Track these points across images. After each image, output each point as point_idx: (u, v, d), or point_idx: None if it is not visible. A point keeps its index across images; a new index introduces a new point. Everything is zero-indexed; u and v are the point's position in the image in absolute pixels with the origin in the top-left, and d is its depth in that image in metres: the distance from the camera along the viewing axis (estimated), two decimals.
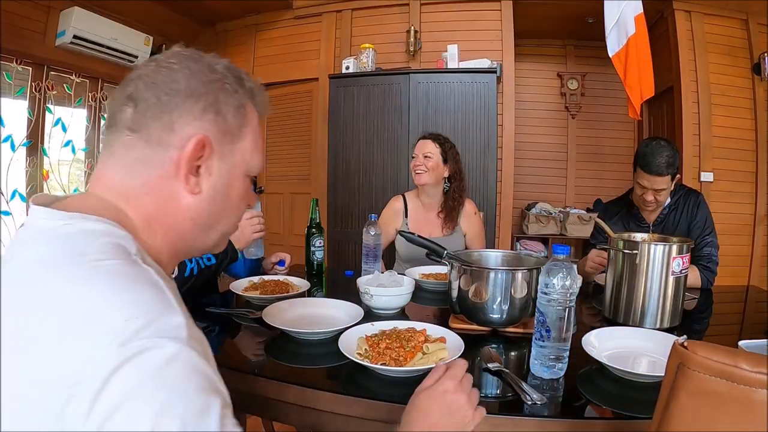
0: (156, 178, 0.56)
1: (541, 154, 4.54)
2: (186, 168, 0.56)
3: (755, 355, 0.49)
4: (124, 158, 0.56)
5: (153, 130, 0.55)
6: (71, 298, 0.43)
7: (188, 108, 0.55)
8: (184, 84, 0.55)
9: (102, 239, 0.49)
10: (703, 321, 1.41)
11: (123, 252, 0.49)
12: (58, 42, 3.10)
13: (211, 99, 0.57)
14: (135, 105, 0.55)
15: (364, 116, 3.35)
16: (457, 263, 1.18)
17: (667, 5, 3.50)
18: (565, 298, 0.88)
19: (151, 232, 0.57)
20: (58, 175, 3.36)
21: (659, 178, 1.59)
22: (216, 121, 0.57)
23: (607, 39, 2.57)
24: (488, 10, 3.50)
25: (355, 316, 1.13)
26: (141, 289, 0.46)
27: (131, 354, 0.40)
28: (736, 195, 3.45)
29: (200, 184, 0.58)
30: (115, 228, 0.52)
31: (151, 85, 0.55)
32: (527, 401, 0.79)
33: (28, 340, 0.42)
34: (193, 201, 0.58)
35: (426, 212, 2.00)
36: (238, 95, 0.59)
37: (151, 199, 0.56)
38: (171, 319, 0.45)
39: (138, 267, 0.49)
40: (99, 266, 0.46)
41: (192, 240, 0.61)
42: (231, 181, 0.61)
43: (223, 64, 0.60)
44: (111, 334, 0.41)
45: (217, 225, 0.62)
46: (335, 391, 0.85)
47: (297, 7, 3.88)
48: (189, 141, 0.55)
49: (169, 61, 0.57)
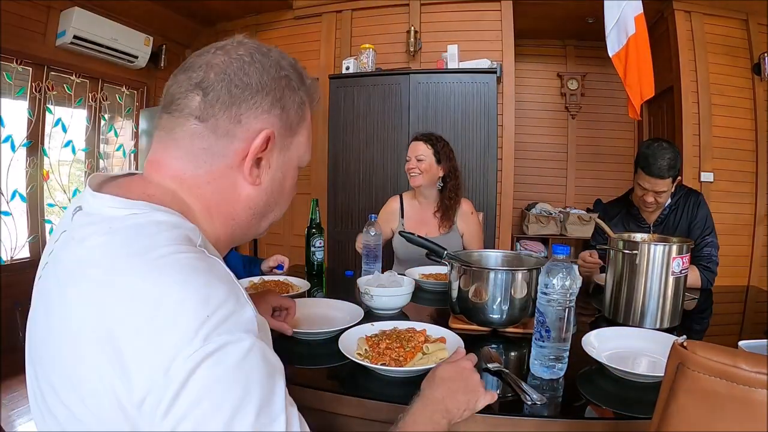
0: (219, 168, 0.57)
1: (541, 154, 4.54)
2: (251, 161, 0.57)
3: (755, 355, 0.49)
4: (189, 147, 0.56)
5: (221, 121, 0.55)
6: (153, 293, 0.45)
7: (257, 102, 0.57)
8: (256, 78, 0.57)
9: (173, 231, 0.51)
10: (703, 321, 1.41)
11: (191, 245, 0.51)
12: (58, 42, 3.11)
13: (279, 95, 0.59)
14: (204, 94, 0.55)
15: (364, 116, 3.35)
16: (457, 263, 1.18)
17: (667, 5, 3.50)
18: (565, 299, 0.88)
19: (211, 220, 0.59)
20: (58, 175, 3.36)
21: (660, 181, 1.59)
22: (281, 117, 0.59)
23: (607, 39, 2.57)
24: (488, 10, 3.51)
25: (355, 317, 1.13)
26: (216, 284, 0.47)
27: (213, 348, 0.43)
28: (736, 195, 3.45)
29: (261, 175, 0.60)
30: (182, 219, 0.54)
31: (223, 76, 0.56)
32: (527, 401, 0.79)
33: (109, 332, 0.44)
34: (252, 191, 0.60)
35: (422, 212, 2.00)
36: (300, 93, 0.62)
37: (212, 189, 0.58)
38: (244, 312, 0.47)
39: (209, 259, 0.50)
40: (175, 260, 0.47)
41: (248, 227, 0.63)
42: (286, 173, 0.64)
43: (289, 61, 0.62)
44: (196, 329, 0.43)
45: (270, 214, 0.64)
46: (335, 392, 0.85)
47: (297, 8, 3.88)
48: (257, 135, 0.57)
49: (239, 53, 0.58)
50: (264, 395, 0.45)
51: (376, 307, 1.26)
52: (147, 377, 0.42)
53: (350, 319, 1.12)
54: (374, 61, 3.42)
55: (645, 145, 1.65)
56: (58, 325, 0.48)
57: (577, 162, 4.53)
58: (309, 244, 1.78)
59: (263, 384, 0.45)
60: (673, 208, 1.73)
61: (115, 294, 0.45)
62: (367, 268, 1.64)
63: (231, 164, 0.57)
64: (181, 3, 3.67)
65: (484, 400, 0.75)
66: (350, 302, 1.24)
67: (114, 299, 0.45)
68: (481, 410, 0.78)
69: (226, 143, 0.56)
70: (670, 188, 1.63)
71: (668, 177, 1.58)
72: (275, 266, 1.74)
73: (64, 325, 0.48)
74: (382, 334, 0.98)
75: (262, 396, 0.45)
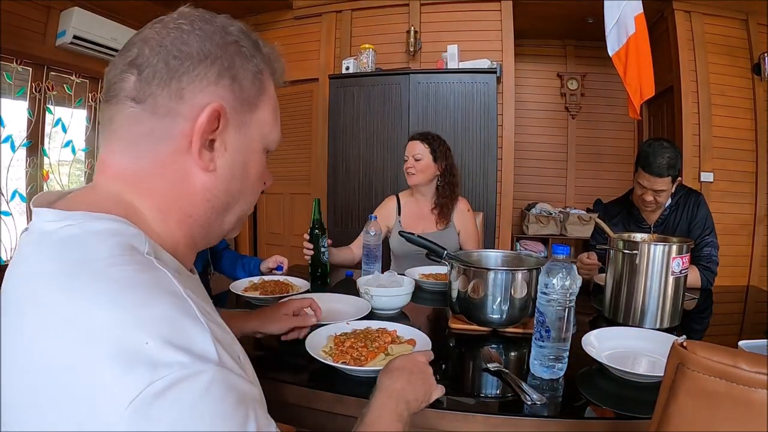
0: (166, 155, 0.49)
1: (541, 154, 4.54)
2: (199, 141, 0.49)
3: (755, 355, 0.49)
4: (128, 134, 0.49)
5: (160, 99, 0.48)
6: (77, 317, 0.37)
7: (201, 73, 0.49)
8: (197, 47, 0.49)
9: (110, 240, 0.43)
10: (703, 321, 1.41)
11: (135, 254, 0.44)
12: (58, 42, 3.10)
13: (227, 63, 0.50)
14: (139, 72, 0.48)
15: (364, 116, 3.35)
16: (456, 263, 1.18)
17: (666, 5, 3.50)
18: (564, 298, 0.88)
19: (166, 221, 0.51)
20: (58, 175, 3.36)
21: (659, 179, 1.59)
22: (232, 88, 0.51)
23: (607, 38, 2.57)
24: (488, 10, 3.51)
25: (362, 310, 1.18)
26: (156, 301, 0.40)
27: (163, 387, 0.35)
28: (736, 195, 3.45)
29: (215, 159, 0.51)
30: (125, 225, 0.46)
31: (158, 48, 0.48)
32: (527, 401, 0.79)
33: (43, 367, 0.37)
34: (208, 180, 0.51)
35: (419, 209, 2.02)
36: (255, 60, 0.54)
37: (162, 181, 0.50)
38: (197, 335, 0.40)
39: (153, 272, 0.43)
40: (106, 275, 0.40)
41: (209, 225, 0.55)
42: (249, 157, 0.55)
43: (238, 26, 0.54)
44: (133, 361, 0.36)
45: (235, 206, 0.56)
46: (335, 391, 0.84)
47: (297, 8, 3.88)
48: (202, 110, 0.49)
49: (177, 21, 0.50)
50: (233, 427, 0.39)
51: (376, 307, 1.26)
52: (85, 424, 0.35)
53: (357, 312, 1.17)
54: (374, 61, 3.42)
55: (646, 144, 1.65)
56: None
57: (577, 162, 4.53)
58: (316, 244, 1.70)
59: (233, 419, 0.39)
60: (673, 209, 1.73)
61: (39, 320, 0.38)
62: (367, 268, 1.64)
63: (179, 148, 0.49)
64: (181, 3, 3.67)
65: (436, 393, 0.74)
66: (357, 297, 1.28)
67: (41, 326, 0.38)
68: (481, 410, 0.78)
69: (169, 124, 0.48)
70: (669, 188, 1.62)
71: (667, 176, 1.58)
72: (275, 267, 1.74)
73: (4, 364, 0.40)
74: (352, 333, 0.98)
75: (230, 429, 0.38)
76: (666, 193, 1.64)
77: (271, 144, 0.58)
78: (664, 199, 1.66)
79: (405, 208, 2.03)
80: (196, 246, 0.56)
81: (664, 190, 1.62)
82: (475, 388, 0.93)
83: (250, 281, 1.51)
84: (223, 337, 0.43)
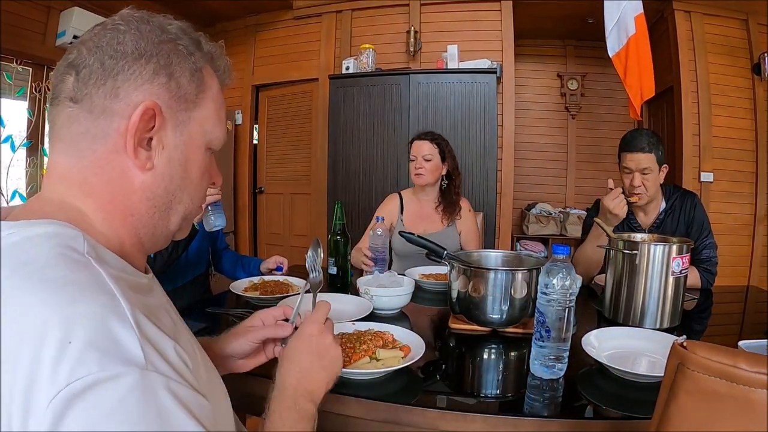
0: (103, 154, 0.49)
1: (541, 155, 4.55)
2: (134, 140, 0.49)
3: (755, 355, 0.49)
4: (68, 135, 0.50)
5: (96, 98, 0.48)
6: (15, 319, 0.37)
7: (136, 71, 0.49)
8: (131, 45, 0.49)
9: (47, 244, 0.43)
10: (702, 321, 1.41)
11: (71, 255, 0.43)
12: (59, 42, 3.11)
13: (163, 61, 0.51)
14: (77, 72, 0.49)
15: (364, 116, 3.35)
16: (457, 264, 1.18)
17: (666, 5, 3.50)
18: (564, 299, 0.88)
19: (109, 221, 0.51)
20: None
21: (642, 155, 1.57)
22: (168, 86, 0.51)
23: (608, 39, 2.57)
24: (488, 11, 3.51)
25: (364, 310, 1.19)
26: (87, 300, 0.39)
27: (81, 387, 0.35)
28: (736, 195, 3.45)
29: (152, 158, 0.51)
30: (63, 227, 0.46)
31: (95, 49, 0.49)
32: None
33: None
34: (147, 178, 0.51)
35: (423, 208, 2.01)
36: (194, 58, 0.54)
37: (100, 180, 0.50)
38: (123, 336, 0.39)
39: (87, 271, 0.42)
40: (43, 276, 0.40)
41: (153, 225, 0.54)
42: (189, 155, 0.54)
43: (177, 25, 0.54)
44: (55, 360, 0.35)
45: (177, 205, 0.55)
46: (335, 391, 0.84)
47: (297, 8, 3.88)
48: (136, 109, 0.49)
49: (116, 23, 0.51)
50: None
51: (376, 307, 1.26)
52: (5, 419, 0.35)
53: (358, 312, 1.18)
54: (374, 61, 3.42)
55: (625, 134, 1.66)
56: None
57: (577, 162, 4.53)
58: (338, 252, 1.57)
59: (156, 427, 0.37)
60: (669, 212, 1.70)
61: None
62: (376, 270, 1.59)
63: (115, 147, 0.49)
64: (181, 3, 3.67)
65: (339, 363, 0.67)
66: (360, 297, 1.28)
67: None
68: (481, 410, 0.78)
69: (105, 123, 0.49)
70: (656, 169, 1.59)
71: (650, 152, 1.56)
72: (275, 267, 1.74)
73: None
74: (350, 334, 0.97)
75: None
76: (653, 176, 1.59)
77: (214, 142, 0.57)
78: (653, 184, 1.61)
79: (408, 207, 2.03)
80: (143, 246, 0.55)
81: (649, 170, 1.58)
82: (475, 388, 0.93)
83: (250, 281, 1.51)
84: (162, 340, 0.43)
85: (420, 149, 1.92)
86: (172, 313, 0.56)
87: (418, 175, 1.93)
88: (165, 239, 0.57)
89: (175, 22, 0.54)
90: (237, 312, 1.28)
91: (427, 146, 1.92)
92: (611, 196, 1.51)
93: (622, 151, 1.63)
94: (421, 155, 1.91)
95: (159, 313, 0.49)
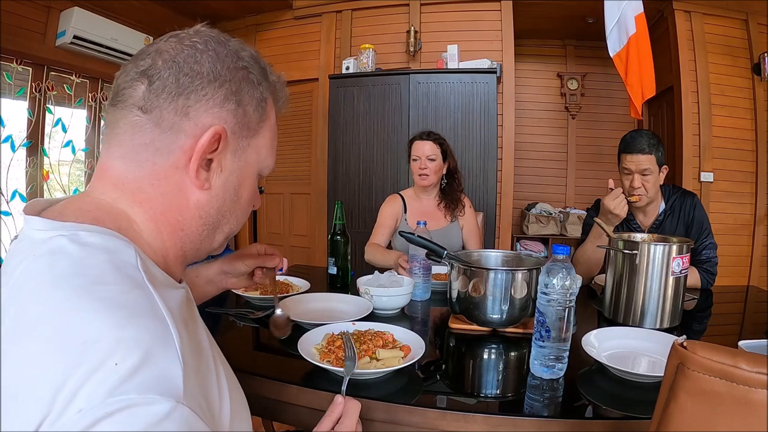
0: (163, 167, 0.50)
1: (541, 154, 4.55)
2: (198, 161, 0.50)
3: (755, 355, 0.48)
4: (129, 141, 0.50)
5: (166, 112, 0.49)
6: (62, 332, 0.38)
7: (209, 94, 0.50)
8: (208, 67, 0.51)
9: (100, 257, 0.43)
10: (703, 321, 1.41)
11: (124, 271, 0.44)
12: (58, 42, 3.10)
13: (234, 88, 0.52)
14: (149, 82, 0.49)
15: (364, 116, 3.35)
16: (457, 263, 1.18)
17: (666, 5, 3.50)
18: (564, 298, 0.88)
19: (158, 232, 0.52)
20: (58, 175, 3.36)
21: (642, 156, 1.56)
22: (236, 113, 0.52)
23: (608, 39, 2.57)
24: (488, 10, 3.51)
25: (364, 310, 1.18)
26: (136, 326, 0.39)
27: (116, 409, 0.35)
28: (736, 195, 3.45)
29: (210, 179, 0.53)
30: (116, 239, 0.46)
31: (171, 63, 0.50)
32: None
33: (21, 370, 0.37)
34: (202, 197, 0.53)
35: (424, 206, 2.02)
36: (261, 88, 0.55)
37: (156, 192, 0.51)
38: (168, 366, 0.39)
39: (140, 291, 0.43)
40: (94, 294, 0.40)
41: (200, 241, 0.56)
42: (242, 179, 0.56)
43: (250, 53, 0.56)
44: (97, 379, 0.36)
45: (224, 225, 0.57)
46: (335, 391, 0.84)
47: (297, 7, 3.88)
48: (205, 131, 0.50)
49: (193, 39, 0.52)
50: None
51: (376, 307, 1.26)
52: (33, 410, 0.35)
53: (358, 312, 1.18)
54: (374, 61, 3.42)
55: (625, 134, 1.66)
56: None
57: (577, 162, 4.53)
58: (337, 251, 1.55)
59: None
60: (668, 213, 1.69)
61: (25, 328, 0.39)
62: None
63: (177, 163, 0.50)
64: (181, 3, 3.67)
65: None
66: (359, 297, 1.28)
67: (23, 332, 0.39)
68: (481, 410, 0.78)
69: (171, 138, 0.50)
70: (656, 171, 1.59)
71: (650, 153, 1.56)
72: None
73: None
74: (348, 334, 0.97)
75: None
76: (653, 178, 1.59)
77: (265, 170, 0.59)
78: (653, 186, 1.61)
79: (411, 206, 2.04)
80: (186, 259, 0.56)
81: (649, 171, 1.57)
82: (475, 388, 0.93)
83: None
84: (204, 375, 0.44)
85: (423, 150, 1.92)
86: (198, 319, 0.57)
87: (423, 176, 1.92)
88: (206, 255, 0.60)
89: (248, 48, 0.56)
90: (237, 312, 1.28)
91: (429, 146, 1.92)
92: (612, 196, 1.51)
93: (622, 152, 1.63)
94: (425, 156, 1.91)
95: (198, 331, 0.51)
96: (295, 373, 0.93)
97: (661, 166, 1.60)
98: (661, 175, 1.62)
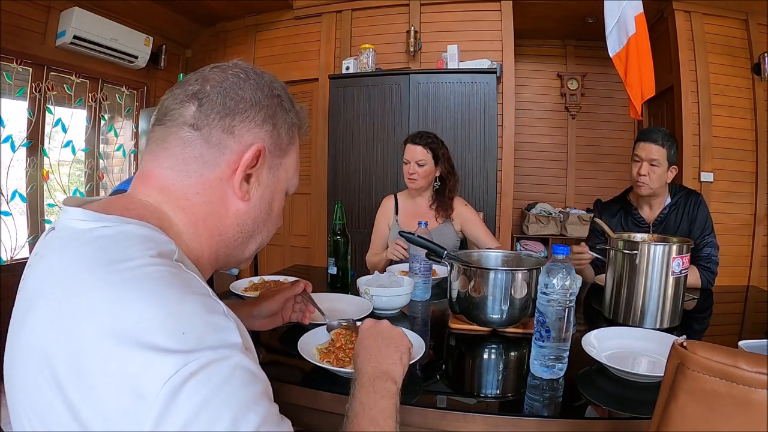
0: (209, 179, 0.57)
1: (541, 154, 4.54)
2: (242, 174, 0.58)
3: (755, 355, 0.49)
4: (180, 155, 0.56)
5: (215, 130, 0.56)
6: (116, 309, 0.42)
7: (251, 116, 0.58)
8: (250, 93, 0.58)
9: (145, 243, 0.48)
10: (703, 321, 1.41)
11: (166, 259, 0.48)
12: (58, 42, 3.10)
13: (271, 112, 0.60)
14: (200, 104, 0.56)
15: (364, 116, 3.35)
16: (457, 263, 1.18)
17: (666, 5, 3.50)
18: (564, 298, 0.88)
19: (196, 235, 0.58)
20: (58, 175, 3.36)
21: (653, 146, 1.64)
22: (272, 134, 0.60)
23: (608, 39, 2.57)
24: (488, 11, 3.50)
25: (364, 310, 1.19)
26: (192, 299, 0.45)
27: (197, 368, 0.40)
28: (736, 195, 3.45)
29: (250, 191, 0.60)
30: (156, 232, 0.51)
31: (218, 88, 0.57)
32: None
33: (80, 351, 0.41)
34: (241, 207, 0.60)
35: (417, 206, 2.03)
36: (291, 114, 0.63)
37: (201, 200, 0.57)
38: (227, 328, 0.45)
39: (184, 274, 0.48)
40: (144, 273, 0.45)
41: (234, 247, 0.62)
42: (275, 194, 0.64)
43: (281, 84, 0.64)
44: (171, 348, 0.40)
45: (257, 236, 0.64)
46: (335, 391, 0.84)
47: (297, 8, 3.88)
48: (249, 148, 0.57)
49: (234, 70, 0.60)
50: (261, 410, 0.43)
51: (377, 307, 1.26)
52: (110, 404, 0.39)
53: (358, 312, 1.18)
54: (374, 61, 3.42)
55: None
56: (20, 354, 0.46)
57: (577, 162, 4.53)
58: (338, 251, 1.56)
59: (257, 400, 0.44)
60: (673, 208, 1.73)
61: (73, 314, 0.42)
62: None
63: (221, 176, 0.57)
64: (181, 3, 3.67)
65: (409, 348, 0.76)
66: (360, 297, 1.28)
67: (73, 316, 0.42)
68: (481, 410, 0.78)
69: (218, 153, 0.56)
70: (664, 164, 1.65)
71: (662, 145, 1.64)
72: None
73: (23, 353, 0.46)
74: (346, 333, 0.97)
75: (257, 416, 0.43)
76: (660, 170, 1.65)
77: (291, 188, 0.67)
78: (658, 177, 1.66)
79: (402, 207, 2.05)
80: (218, 263, 0.62)
81: (658, 163, 1.64)
82: (475, 388, 0.93)
83: (250, 281, 1.51)
84: (244, 332, 0.49)
85: (413, 154, 1.92)
86: None
87: (411, 180, 1.94)
88: (235, 263, 0.66)
89: (279, 81, 0.64)
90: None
91: (419, 151, 1.91)
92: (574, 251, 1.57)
93: (637, 140, 1.72)
94: (414, 160, 1.91)
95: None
96: (295, 373, 0.93)
97: (670, 164, 1.67)
98: (669, 174, 1.68)
